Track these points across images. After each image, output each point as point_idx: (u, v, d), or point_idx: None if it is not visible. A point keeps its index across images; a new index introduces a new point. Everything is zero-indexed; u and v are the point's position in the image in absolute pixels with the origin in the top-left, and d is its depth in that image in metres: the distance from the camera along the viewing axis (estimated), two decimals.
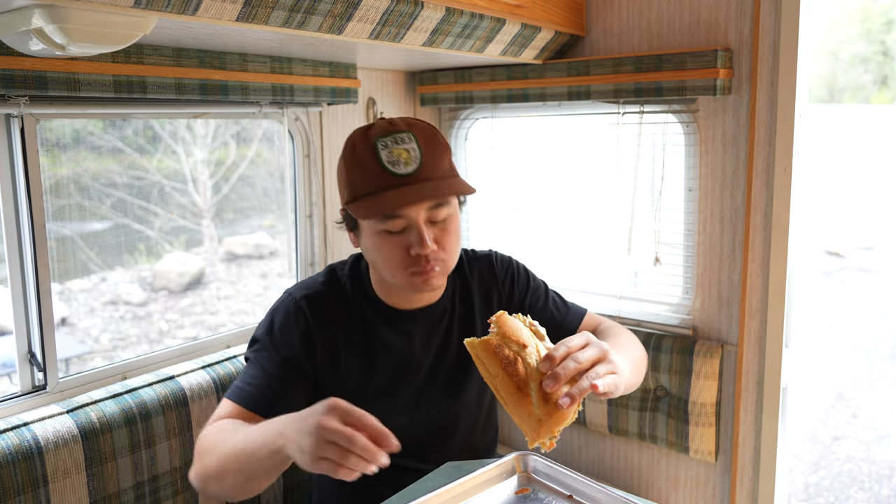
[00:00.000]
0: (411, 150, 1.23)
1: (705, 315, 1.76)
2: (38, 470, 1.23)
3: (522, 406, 1.01)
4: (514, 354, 1.04)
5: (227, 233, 7.25)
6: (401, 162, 1.21)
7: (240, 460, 1.06)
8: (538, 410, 1.01)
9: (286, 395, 1.25)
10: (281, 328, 1.31)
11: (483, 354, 1.05)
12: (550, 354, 1.03)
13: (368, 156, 1.22)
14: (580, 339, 1.08)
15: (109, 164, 6.21)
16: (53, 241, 5.57)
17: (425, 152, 1.23)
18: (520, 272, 1.52)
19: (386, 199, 1.19)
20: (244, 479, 1.07)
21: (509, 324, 1.07)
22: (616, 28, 1.81)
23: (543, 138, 2.11)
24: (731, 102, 1.65)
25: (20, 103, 1.32)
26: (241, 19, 1.14)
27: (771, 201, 1.60)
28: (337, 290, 1.37)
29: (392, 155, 1.21)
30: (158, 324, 6.24)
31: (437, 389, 1.42)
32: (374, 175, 1.21)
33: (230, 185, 7.04)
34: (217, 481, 1.11)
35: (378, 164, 1.21)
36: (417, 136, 1.24)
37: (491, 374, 1.05)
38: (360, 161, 1.23)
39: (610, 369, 1.07)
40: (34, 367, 1.46)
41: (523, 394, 1.01)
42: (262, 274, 7.05)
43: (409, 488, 1.25)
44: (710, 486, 1.79)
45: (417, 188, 1.20)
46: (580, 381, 1.02)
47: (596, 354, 1.06)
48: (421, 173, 1.22)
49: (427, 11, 1.37)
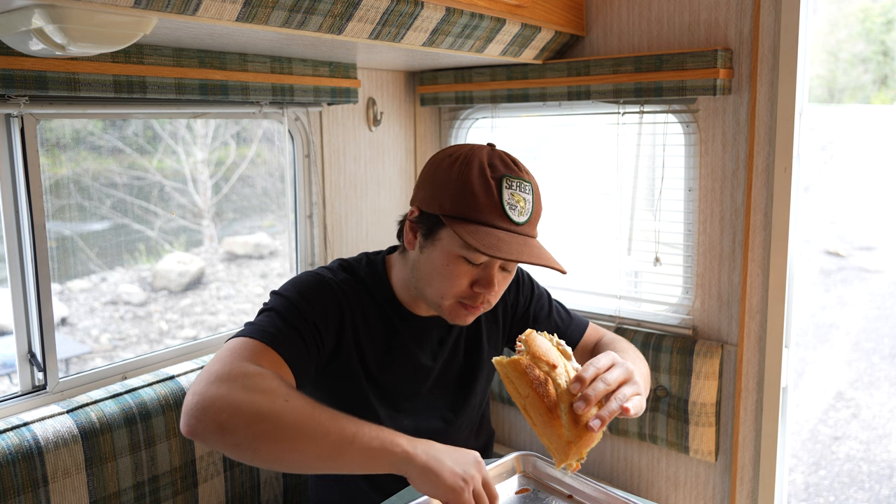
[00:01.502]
0: (528, 200, 1.23)
1: (705, 315, 1.76)
2: (38, 470, 1.23)
3: (553, 427, 1.02)
4: (545, 375, 1.04)
5: (227, 233, 7.25)
6: (517, 209, 1.21)
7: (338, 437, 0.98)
8: (568, 432, 1.01)
9: (308, 352, 1.20)
10: (314, 296, 1.25)
11: (513, 374, 1.05)
12: (581, 376, 1.04)
13: (491, 187, 1.20)
14: (606, 359, 1.09)
15: (109, 164, 6.21)
16: (53, 241, 5.57)
17: (535, 208, 1.24)
18: (525, 280, 1.52)
19: (496, 238, 1.16)
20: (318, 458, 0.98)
21: (539, 344, 1.07)
22: (616, 28, 1.81)
23: (543, 138, 2.11)
24: (731, 102, 1.65)
25: (20, 103, 1.32)
26: (241, 19, 1.14)
27: (771, 201, 1.60)
28: (359, 282, 1.35)
29: (513, 199, 1.21)
30: (158, 324, 6.24)
31: (442, 395, 1.42)
32: (493, 210, 1.19)
33: (230, 185, 7.04)
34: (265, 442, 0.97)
35: (500, 200, 1.19)
36: (534, 190, 1.25)
37: (521, 394, 1.04)
38: (482, 188, 1.20)
39: (635, 390, 1.09)
40: (34, 367, 1.46)
41: (553, 415, 1.01)
42: (262, 274, 7.05)
43: (409, 488, 1.25)
44: (710, 486, 1.79)
45: (523, 241, 1.19)
46: (609, 403, 1.04)
47: (622, 375, 1.08)
48: (527, 227, 1.22)
49: (427, 11, 1.37)
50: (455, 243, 1.20)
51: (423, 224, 1.26)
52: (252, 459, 0.99)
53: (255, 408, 0.97)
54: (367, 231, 2.11)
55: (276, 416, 0.97)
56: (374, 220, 2.12)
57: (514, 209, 1.20)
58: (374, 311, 1.34)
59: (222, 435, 0.97)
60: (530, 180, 1.25)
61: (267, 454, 0.97)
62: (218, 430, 0.97)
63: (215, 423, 0.97)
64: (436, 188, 1.24)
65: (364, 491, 1.39)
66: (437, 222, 1.23)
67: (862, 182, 11.07)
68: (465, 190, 1.20)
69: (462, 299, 1.24)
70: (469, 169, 1.21)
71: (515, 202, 1.21)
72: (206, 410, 0.98)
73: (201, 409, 0.98)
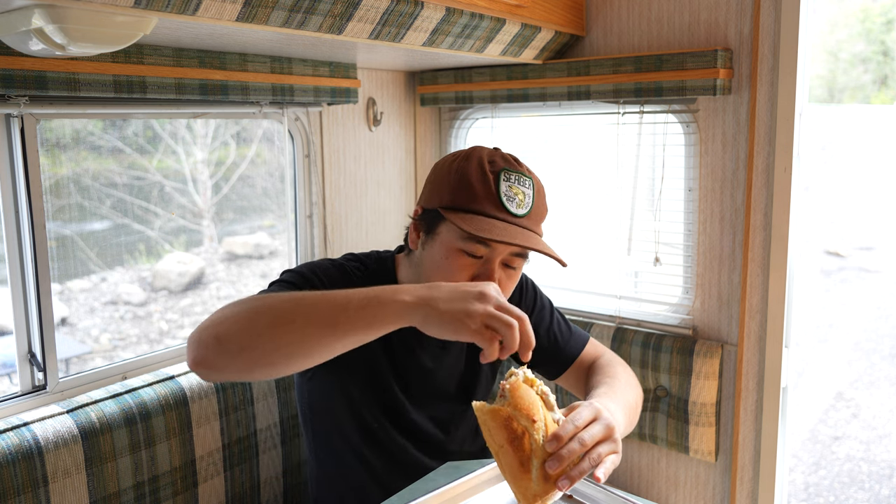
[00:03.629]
0: (527, 194, 1.23)
1: (705, 315, 1.76)
2: (38, 470, 1.23)
3: (521, 480, 1.00)
4: (523, 429, 1.01)
5: (227, 233, 7.25)
6: (515, 201, 1.21)
7: (330, 307, 0.94)
8: (536, 486, 1.00)
9: None
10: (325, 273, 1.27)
11: (491, 424, 1.03)
12: (558, 434, 1.01)
13: (489, 180, 1.21)
14: (588, 412, 1.06)
15: (109, 164, 6.21)
16: (53, 241, 5.57)
17: (535, 204, 1.24)
18: (528, 289, 1.51)
19: (491, 225, 1.17)
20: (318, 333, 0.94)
21: (522, 394, 1.04)
22: (616, 28, 1.81)
23: (543, 138, 2.11)
24: (731, 102, 1.65)
25: (20, 103, 1.32)
26: (241, 19, 1.14)
27: (771, 201, 1.60)
28: (369, 272, 1.35)
29: (511, 191, 1.21)
30: (158, 324, 6.24)
31: (447, 397, 1.42)
32: (489, 200, 1.20)
33: (230, 185, 7.04)
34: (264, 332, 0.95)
35: (496, 192, 1.20)
36: (535, 185, 1.25)
37: (496, 442, 1.03)
38: (480, 179, 1.21)
39: (612, 449, 1.06)
40: (34, 367, 1.46)
41: (524, 469, 1.00)
42: (262, 274, 7.05)
43: (409, 488, 1.25)
44: (710, 486, 1.79)
45: (521, 231, 1.19)
46: (581, 464, 1.01)
47: (601, 433, 1.05)
48: (527, 221, 1.22)
49: (427, 11, 1.37)
50: (453, 235, 1.21)
51: (424, 221, 1.27)
52: (255, 361, 0.97)
53: (247, 308, 0.98)
54: (367, 231, 2.11)
55: (268, 306, 0.98)
56: (374, 220, 2.12)
57: (511, 200, 1.20)
58: None
59: (220, 344, 0.97)
60: (531, 177, 1.25)
61: (266, 344, 0.96)
62: (216, 343, 0.98)
63: (213, 338, 0.98)
64: (436, 184, 1.26)
65: (364, 492, 1.39)
66: (436, 216, 1.24)
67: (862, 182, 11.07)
68: (463, 182, 1.21)
69: None
70: (468, 163, 1.23)
71: (513, 194, 1.21)
72: (202, 331, 1.00)
73: (198, 332, 1.01)
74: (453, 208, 1.21)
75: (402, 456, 1.39)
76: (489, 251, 1.21)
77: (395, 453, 1.39)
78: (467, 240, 1.19)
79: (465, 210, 1.20)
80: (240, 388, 1.55)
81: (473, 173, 1.21)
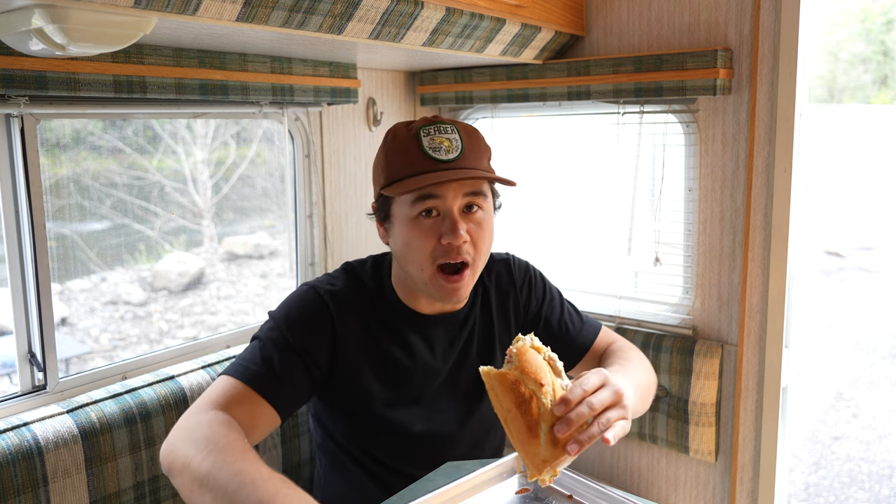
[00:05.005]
0: (453, 139, 1.23)
1: (705, 315, 1.76)
2: (38, 470, 1.23)
3: (530, 446, 1.00)
4: (530, 393, 1.01)
5: (227, 233, 7.26)
6: (442, 149, 1.21)
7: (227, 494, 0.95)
8: (545, 452, 1.00)
9: (294, 385, 1.21)
10: (302, 318, 1.26)
11: (499, 388, 1.03)
12: (566, 397, 1.01)
13: (410, 142, 1.22)
14: (596, 378, 1.05)
15: (109, 164, 6.21)
16: (53, 241, 5.57)
17: (467, 145, 1.24)
18: (537, 280, 1.49)
19: (425, 179, 1.18)
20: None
21: (529, 359, 1.04)
22: (616, 28, 1.81)
23: (543, 138, 2.11)
24: (731, 102, 1.65)
25: (20, 103, 1.32)
26: (241, 19, 1.14)
27: (771, 201, 1.60)
28: (359, 288, 1.34)
29: (434, 142, 1.21)
30: (158, 324, 6.24)
31: (453, 397, 1.39)
32: (415, 158, 1.21)
33: (230, 185, 7.04)
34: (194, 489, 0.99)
35: (420, 149, 1.21)
36: (460, 130, 1.25)
37: (504, 407, 1.03)
38: (401, 147, 1.23)
39: (621, 415, 1.05)
40: (34, 367, 1.46)
41: (533, 434, 1.00)
42: (262, 274, 7.05)
43: (409, 488, 1.25)
44: (710, 486, 1.79)
45: (457, 172, 1.20)
46: (591, 428, 1.01)
47: (610, 398, 1.04)
48: (461, 161, 1.21)
49: (427, 11, 1.37)
50: (403, 207, 1.23)
51: (379, 212, 1.30)
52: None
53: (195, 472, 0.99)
54: (367, 231, 2.11)
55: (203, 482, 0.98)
56: (373, 220, 2.12)
57: (437, 150, 1.21)
58: (377, 317, 1.33)
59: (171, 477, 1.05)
60: (454, 123, 1.26)
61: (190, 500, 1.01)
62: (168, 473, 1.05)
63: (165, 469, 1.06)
64: (374, 174, 1.31)
65: (367, 488, 1.38)
66: (383, 201, 1.27)
67: (862, 182, 11.07)
68: (389, 157, 1.25)
69: (438, 259, 1.22)
70: (388, 139, 1.27)
71: (438, 144, 1.22)
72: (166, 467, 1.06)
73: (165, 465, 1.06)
74: (389, 183, 1.23)
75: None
76: (440, 201, 1.20)
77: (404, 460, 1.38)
78: (415, 202, 1.20)
79: (401, 179, 1.22)
80: None
81: (395, 145, 1.24)
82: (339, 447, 1.39)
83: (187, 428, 1.08)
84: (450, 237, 1.20)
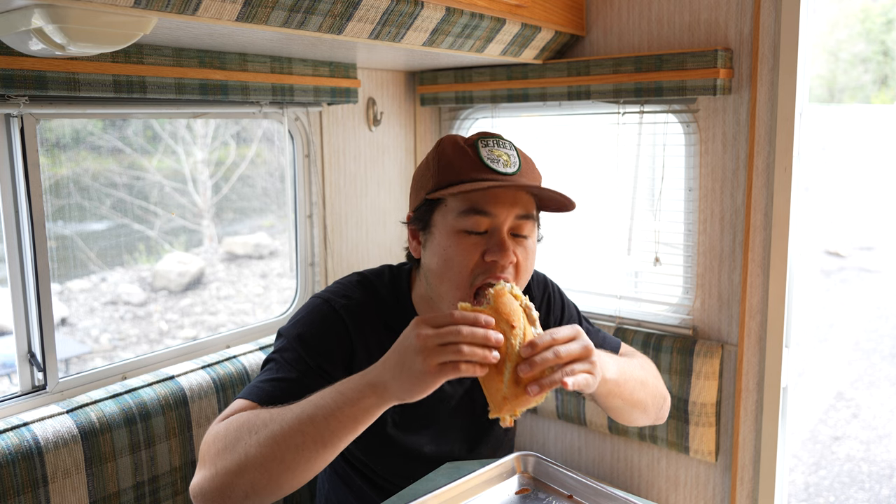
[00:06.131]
0: (511, 154, 1.19)
1: (705, 315, 1.76)
2: (38, 470, 1.23)
3: (493, 381, 1.01)
4: (501, 332, 1.02)
5: (227, 233, 7.26)
6: (500, 161, 1.16)
7: (315, 426, 0.95)
8: (507, 390, 1.01)
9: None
10: (317, 334, 1.20)
11: None
12: (534, 341, 1.00)
13: (467, 150, 1.16)
14: (569, 331, 1.04)
15: (109, 164, 6.21)
16: (53, 241, 5.57)
17: (524, 163, 1.20)
18: (555, 297, 1.46)
19: (483, 185, 1.11)
20: (315, 451, 0.97)
21: (505, 301, 1.05)
22: (616, 28, 1.81)
23: (543, 138, 2.11)
24: (731, 102, 1.65)
25: (20, 103, 1.32)
26: (241, 19, 1.14)
27: (771, 201, 1.60)
28: (377, 301, 1.27)
29: (493, 154, 1.16)
30: (158, 324, 6.24)
31: (467, 421, 1.37)
32: (474, 167, 1.14)
33: (230, 185, 7.04)
34: (259, 469, 0.97)
35: (478, 156, 1.15)
36: (517, 148, 1.22)
37: None
38: (458, 154, 1.16)
39: (587, 369, 1.03)
40: (34, 367, 1.46)
41: (497, 370, 1.01)
42: (262, 274, 7.05)
43: (409, 488, 1.25)
44: (710, 486, 1.79)
45: (517, 181, 1.14)
46: (553, 374, 1.00)
47: (578, 351, 1.03)
48: (519, 177, 1.16)
49: (427, 11, 1.37)
50: (450, 216, 1.16)
51: (417, 220, 1.23)
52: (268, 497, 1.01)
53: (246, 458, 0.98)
54: (367, 231, 2.11)
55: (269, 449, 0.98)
56: (374, 220, 2.12)
57: (496, 162, 1.16)
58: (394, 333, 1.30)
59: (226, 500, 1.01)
60: (510, 142, 1.22)
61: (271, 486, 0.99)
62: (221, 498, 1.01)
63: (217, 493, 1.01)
64: (418, 181, 1.24)
65: (369, 497, 1.38)
66: (427, 207, 1.20)
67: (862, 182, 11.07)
68: (442, 163, 1.18)
69: (477, 280, 1.14)
70: (441, 147, 1.21)
71: (496, 156, 1.17)
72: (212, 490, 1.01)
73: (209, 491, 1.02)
74: (440, 187, 1.16)
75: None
76: (491, 220, 1.14)
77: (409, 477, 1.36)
78: (463, 214, 1.14)
79: (457, 182, 1.15)
80: (241, 387, 1.55)
81: (450, 152, 1.18)
82: (344, 460, 1.38)
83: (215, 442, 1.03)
84: (496, 254, 1.13)
